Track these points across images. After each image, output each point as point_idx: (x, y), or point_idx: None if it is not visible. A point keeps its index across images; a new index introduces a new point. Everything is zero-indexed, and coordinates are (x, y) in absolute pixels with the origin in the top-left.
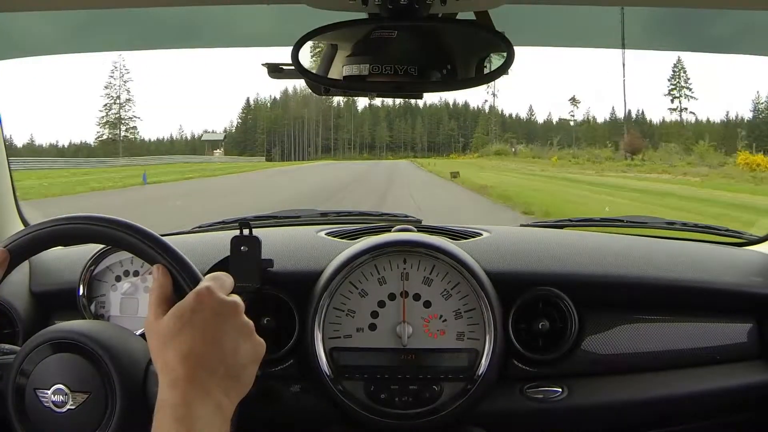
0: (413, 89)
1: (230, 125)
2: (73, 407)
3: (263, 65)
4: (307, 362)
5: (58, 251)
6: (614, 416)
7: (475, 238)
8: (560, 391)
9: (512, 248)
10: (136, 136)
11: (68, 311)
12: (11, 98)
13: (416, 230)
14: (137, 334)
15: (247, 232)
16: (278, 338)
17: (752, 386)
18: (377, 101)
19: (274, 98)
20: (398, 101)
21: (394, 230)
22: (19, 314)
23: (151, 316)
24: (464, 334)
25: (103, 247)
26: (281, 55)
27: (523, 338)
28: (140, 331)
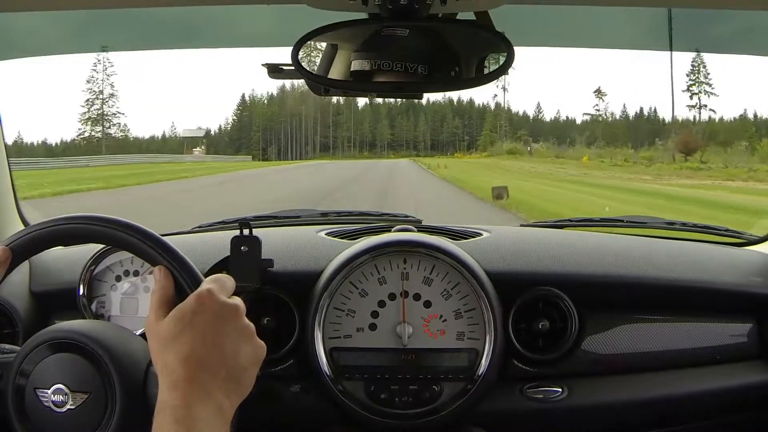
0: (413, 89)
1: (225, 123)
2: (73, 407)
3: (263, 65)
4: (307, 362)
5: (58, 251)
6: (614, 416)
7: (475, 238)
8: (560, 391)
9: (512, 248)
10: (127, 133)
11: (68, 311)
12: (11, 98)
13: (416, 230)
14: (137, 334)
15: (247, 232)
16: (278, 338)
17: (752, 386)
18: (378, 99)
19: (270, 95)
20: (400, 99)
21: (394, 230)
22: (19, 314)
23: (152, 317)
24: (464, 334)
25: (103, 247)
26: (281, 55)
27: (523, 338)
28: (140, 331)
